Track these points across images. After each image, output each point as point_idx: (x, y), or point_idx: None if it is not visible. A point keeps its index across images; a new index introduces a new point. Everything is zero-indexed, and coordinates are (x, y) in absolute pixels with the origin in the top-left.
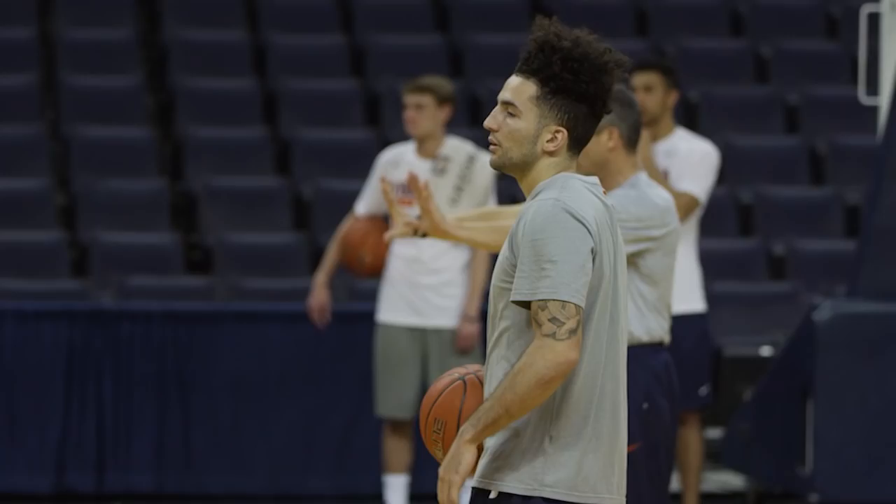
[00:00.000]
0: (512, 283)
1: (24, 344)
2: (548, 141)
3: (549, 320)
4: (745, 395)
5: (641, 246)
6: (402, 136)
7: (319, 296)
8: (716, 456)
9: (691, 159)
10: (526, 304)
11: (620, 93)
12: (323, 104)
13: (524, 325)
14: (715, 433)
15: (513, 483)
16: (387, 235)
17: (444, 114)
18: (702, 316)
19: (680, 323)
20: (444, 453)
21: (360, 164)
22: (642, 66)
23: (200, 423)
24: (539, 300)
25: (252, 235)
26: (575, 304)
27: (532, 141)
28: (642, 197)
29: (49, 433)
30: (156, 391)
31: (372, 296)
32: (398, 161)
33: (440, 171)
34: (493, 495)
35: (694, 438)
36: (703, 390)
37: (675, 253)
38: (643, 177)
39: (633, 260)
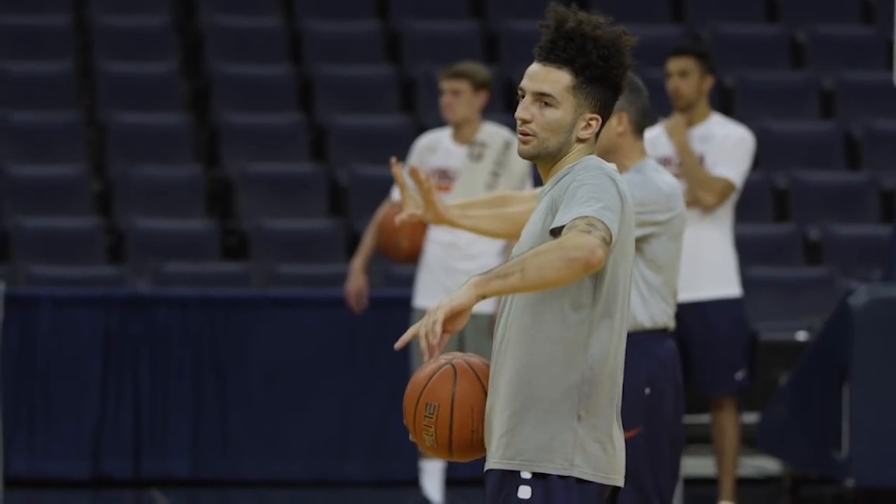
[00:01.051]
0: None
1: (61, 330)
2: (583, 129)
3: (587, 224)
4: (780, 380)
5: (646, 230)
6: (438, 122)
7: (356, 281)
8: (752, 441)
9: (727, 144)
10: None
11: (629, 77)
12: (358, 90)
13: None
14: (751, 418)
15: (546, 463)
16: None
17: (480, 100)
18: (738, 300)
19: (716, 307)
20: (436, 438)
21: (395, 150)
22: (678, 51)
23: (236, 409)
24: (576, 217)
25: (288, 221)
26: (611, 233)
27: (569, 130)
28: (647, 181)
29: (86, 420)
30: (192, 377)
31: (408, 281)
32: (435, 147)
33: (476, 157)
34: (525, 475)
35: (730, 423)
36: (740, 375)
37: (681, 238)
38: (650, 162)
39: (637, 245)
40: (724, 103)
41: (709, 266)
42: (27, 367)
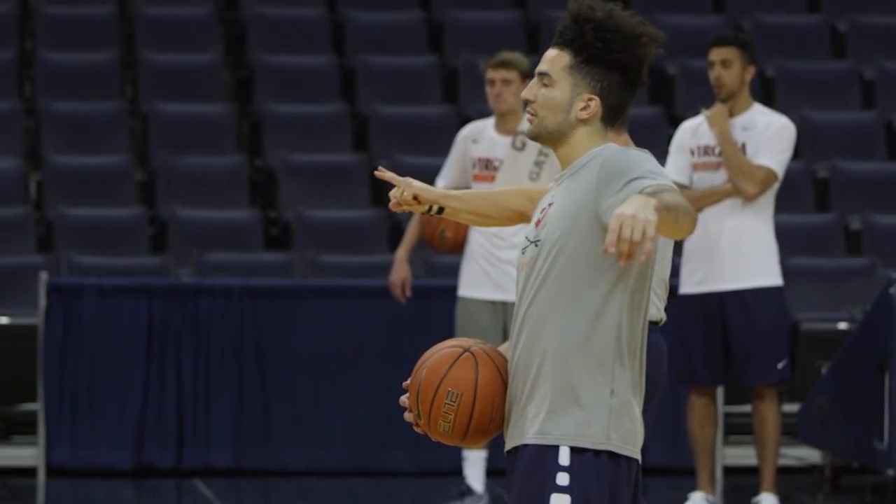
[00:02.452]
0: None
1: (104, 320)
2: (581, 109)
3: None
4: (821, 370)
5: None
6: (479, 112)
7: (400, 271)
8: (793, 430)
9: (768, 134)
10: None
11: None
12: (401, 80)
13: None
14: (792, 408)
15: (582, 438)
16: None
17: (524, 89)
18: (779, 290)
19: (758, 297)
20: (454, 425)
21: (437, 140)
22: (720, 41)
23: (279, 398)
24: (653, 184)
25: (330, 211)
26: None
27: (566, 109)
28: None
29: (129, 409)
30: (234, 367)
31: (450, 271)
32: (478, 136)
33: (520, 147)
34: (564, 451)
35: (771, 413)
36: (781, 364)
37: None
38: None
39: None
40: (766, 93)
41: (750, 255)
42: (70, 356)
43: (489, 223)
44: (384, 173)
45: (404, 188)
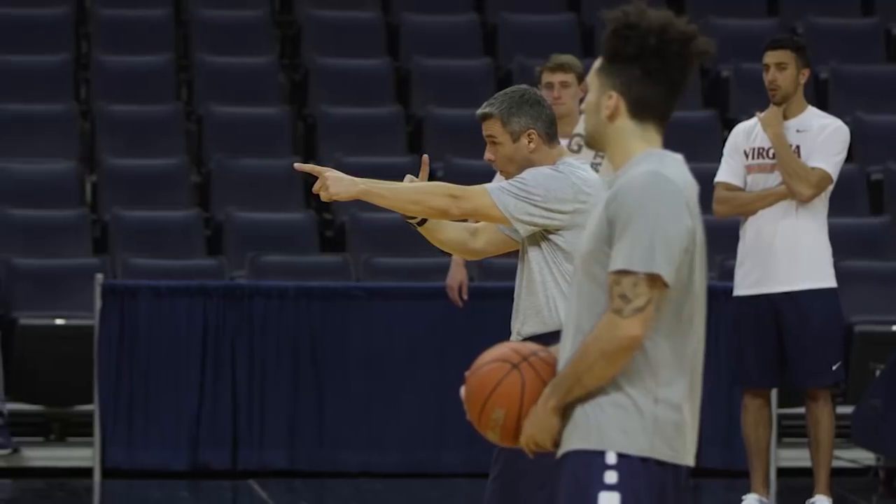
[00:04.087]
0: (601, 253)
1: (159, 321)
2: (605, 107)
3: (619, 296)
4: (876, 372)
5: (553, 219)
6: None
7: (457, 274)
8: (847, 433)
9: (822, 136)
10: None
11: (528, 93)
12: (455, 83)
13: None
14: (846, 410)
15: (628, 445)
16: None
17: (583, 92)
18: (833, 292)
19: (811, 298)
20: (500, 437)
21: None
22: (774, 44)
23: (333, 400)
24: (613, 272)
25: (385, 213)
26: (647, 279)
27: (596, 111)
28: (557, 173)
29: (184, 410)
30: (289, 368)
31: (505, 274)
32: None
33: (576, 150)
34: (611, 458)
35: (825, 415)
36: (836, 367)
37: None
38: (569, 160)
39: (548, 236)
40: (819, 96)
41: (804, 257)
42: (126, 358)
43: (442, 241)
44: (304, 166)
45: (320, 185)
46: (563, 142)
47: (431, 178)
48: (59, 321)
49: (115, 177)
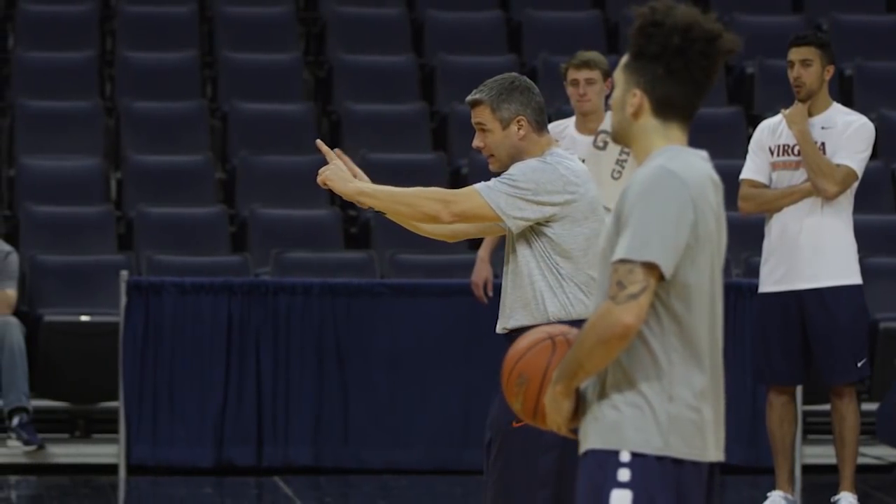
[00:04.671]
0: (611, 240)
1: (184, 318)
2: (629, 105)
3: (616, 283)
4: None
5: (543, 212)
6: (558, 111)
7: (482, 270)
8: (871, 429)
9: (847, 133)
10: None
11: (518, 80)
12: (479, 79)
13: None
14: (871, 407)
15: (642, 443)
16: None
17: (608, 89)
18: (858, 288)
19: (837, 295)
20: (523, 406)
21: None
22: (799, 40)
23: (358, 396)
24: (614, 261)
25: None
26: (644, 267)
27: (621, 107)
28: (545, 165)
29: (209, 407)
30: (314, 365)
31: None
32: (560, 136)
33: (602, 146)
34: (624, 456)
35: (850, 412)
36: (861, 363)
37: (590, 225)
38: (557, 150)
39: (538, 229)
40: (844, 93)
41: (829, 254)
42: (151, 355)
43: (422, 229)
44: (322, 146)
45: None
46: (589, 138)
47: (456, 174)
48: (84, 318)
49: (139, 173)
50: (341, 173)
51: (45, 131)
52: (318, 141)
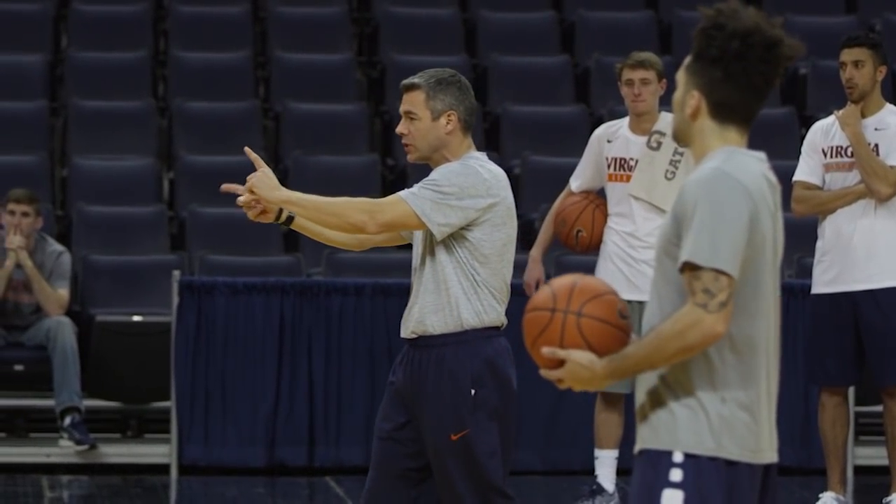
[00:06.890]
0: (672, 248)
1: (236, 318)
2: (688, 105)
3: (703, 291)
4: None
5: (469, 215)
6: (610, 112)
7: (534, 271)
8: None
9: None
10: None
11: (458, 76)
12: (532, 80)
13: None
14: None
15: (695, 445)
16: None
17: (662, 89)
18: None
19: (890, 296)
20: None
21: (568, 140)
22: (852, 41)
23: None
24: (682, 262)
25: None
26: (728, 276)
27: (681, 108)
28: (466, 168)
29: (260, 407)
30: (366, 365)
31: (583, 270)
32: (613, 136)
33: (655, 147)
34: (677, 458)
35: None
36: None
37: (507, 230)
38: (476, 154)
39: (459, 234)
40: None
41: (883, 255)
42: (203, 355)
43: (329, 238)
44: (251, 153)
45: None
46: (643, 139)
47: (508, 175)
48: (136, 318)
49: (192, 173)
50: (268, 181)
51: (97, 131)
52: (247, 148)
